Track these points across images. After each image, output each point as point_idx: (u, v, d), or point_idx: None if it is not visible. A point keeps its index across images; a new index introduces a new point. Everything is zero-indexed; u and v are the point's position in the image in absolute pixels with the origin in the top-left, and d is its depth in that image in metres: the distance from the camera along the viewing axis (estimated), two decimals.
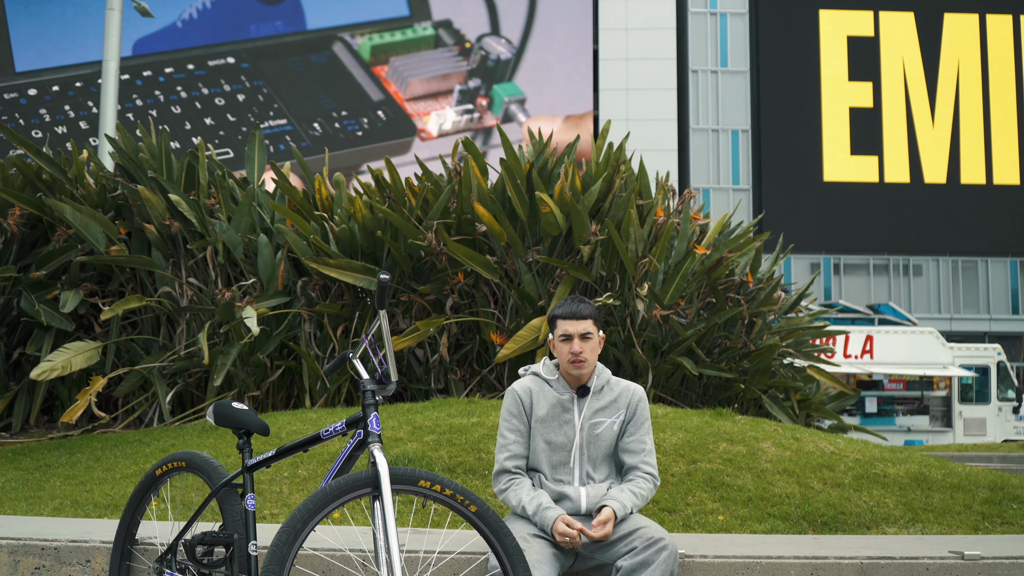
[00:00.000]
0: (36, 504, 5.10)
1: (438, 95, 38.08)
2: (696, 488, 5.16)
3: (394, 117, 37.77)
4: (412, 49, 38.61)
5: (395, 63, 38.31)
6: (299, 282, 7.77)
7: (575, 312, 3.76)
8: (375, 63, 38.43)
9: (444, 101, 38.04)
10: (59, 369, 7.19)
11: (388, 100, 37.99)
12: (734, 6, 37.33)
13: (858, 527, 4.82)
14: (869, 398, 24.49)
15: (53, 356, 7.27)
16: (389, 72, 38.21)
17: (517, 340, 7.33)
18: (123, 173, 8.29)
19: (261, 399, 7.65)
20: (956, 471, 5.76)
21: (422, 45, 38.63)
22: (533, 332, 7.35)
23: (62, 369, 7.21)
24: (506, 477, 3.77)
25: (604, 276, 7.89)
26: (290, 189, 8.11)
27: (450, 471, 5.30)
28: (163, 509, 4.15)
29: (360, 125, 37.45)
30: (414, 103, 37.94)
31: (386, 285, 3.16)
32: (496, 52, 38.25)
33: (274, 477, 5.25)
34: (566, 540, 3.53)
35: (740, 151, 36.77)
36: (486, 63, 38.21)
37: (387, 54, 38.55)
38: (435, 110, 37.84)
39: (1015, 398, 24.62)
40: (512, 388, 3.82)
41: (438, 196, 7.86)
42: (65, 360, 7.26)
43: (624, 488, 3.72)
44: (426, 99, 37.96)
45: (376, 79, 38.26)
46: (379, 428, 3.22)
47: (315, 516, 2.98)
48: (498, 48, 38.26)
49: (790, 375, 9.05)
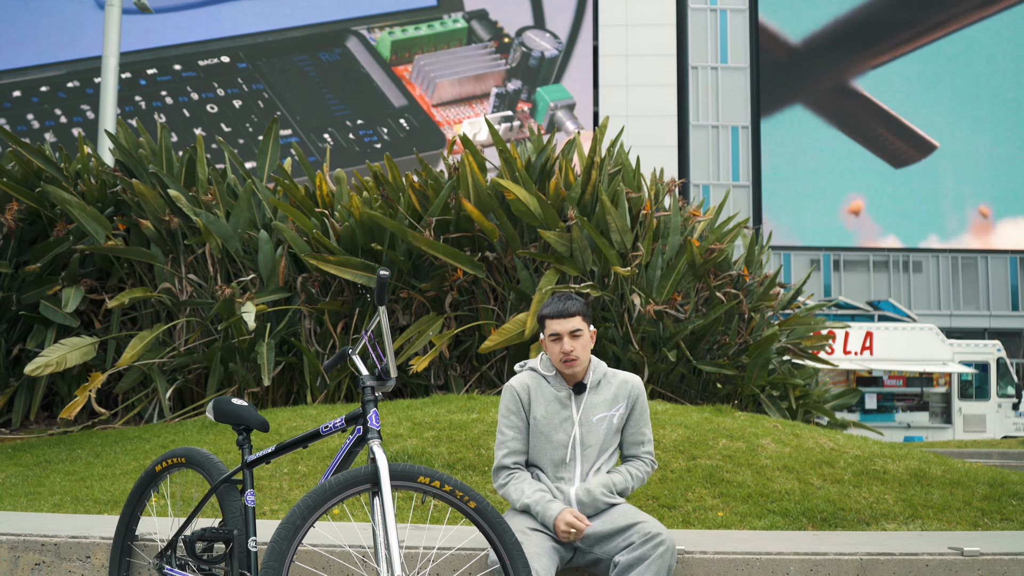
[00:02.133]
0: (36, 500, 5.10)
1: (471, 100, 32.78)
2: (696, 484, 5.17)
3: (419, 126, 32.17)
4: (441, 45, 33.10)
5: (420, 62, 32.88)
6: (299, 278, 7.77)
7: (562, 311, 3.75)
8: (396, 62, 32.89)
9: (479, 107, 32.61)
10: (53, 365, 7.14)
11: (412, 106, 32.44)
12: (734, 2, 37.28)
13: (858, 523, 4.83)
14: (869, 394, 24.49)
15: (48, 352, 7.23)
16: (414, 73, 32.85)
17: (502, 333, 7.33)
18: (123, 169, 8.29)
19: (261, 395, 7.65)
20: (956, 467, 5.77)
21: (452, 40, 33.10)
22: (519, 326, 7.34)
23: (56, 365, 7.16)
24: (505, 473, 3.77)
25: (597, 271, 7.86)
26: (291, 186, 8.11)
27: (450, 467, 5.31)
28: (163, 505, 4.15)
29: (379, 136, 31.91)
30: (443, 109, 32.60)
31: (385, 281, 3.16)
32: (540, 48, 32.97)
33: (274, 473, 5.26)
34: (571, 532, 3.54)
35: (740, 147, 36.74)
36: (528, 61, 32.93)
37: (411, 51, 32.93)
38: (468, 117, 32.34)
39: (1015, 394, 24.62)
40: (510, 384, 3.82)
41: (438, 193, 7.86)
42: (60, 356, 7.22)
43: (620, 469, 3.80)
44: (457, 104, 32.65)
45: (398, 81, 32.86)
46: (379, 424, 3.22)
47: (315, 512, 2.98)
48: (542, 44, 32.96)
49: (788, 371, 9.05)
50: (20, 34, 34.14)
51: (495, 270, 7.91)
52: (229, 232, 7.73)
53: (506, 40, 33.66)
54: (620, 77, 36.14)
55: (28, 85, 33.70)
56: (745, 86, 36.98)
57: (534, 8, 33.56)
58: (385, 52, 33.36)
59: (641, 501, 4.97)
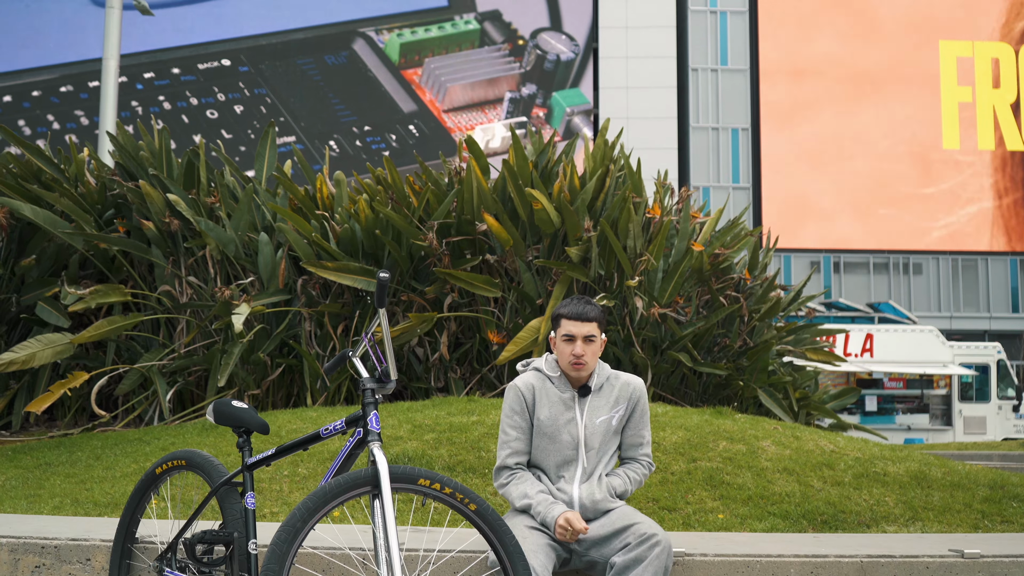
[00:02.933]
0: (36, 502, 5.10)
1: (484, 105, 31.40)
2: (696, 487, 5.16)
3: (429, 132, 30.69)
4: (452, 47, 31.60)
5: (431, 65, 31.43)
6: (299, 280, 7.77)
7: (581, 314, 3.73)
8: (406, 65, 31.41)
9: (492, 112, 31.22)
10: (19, 363, 6.90)
11: (422, 111, 30.90)
12: (734, 4, 37.31)
13: (858, 526, 4.83)
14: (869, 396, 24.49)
15: (19, 347, 7.04)
16: (424, 76, 31.40)
17: (517, 342, 7.34)
18: (122, 171, 8.30)
19: (261, 397, 7.65)
20: (956, 469, 5.77)
21: (464, 42, 31.62)
22: (532, 333, 7.35)
23: (23, 363, 6.93)
24: (507, 472, 3.77)
25: (603, 275, 7.89)
26: (291, 188, 8.10)
27: (450, 469, 5.31)
28: (163, 507, 4.15)
29: (387, 143, 30.47)
30: (454, 115, 31.17)
31: (385, 284, 3.16)
32: (556, 51, 31.68)
33: (274, 475, 5.25)
34: (567, 531, 3.54)
35: (740, 149, 36.76)
36: (543, 65, 31.58)
37: (420, 54, 31.45)
38: (480, 123, 31.03)
39: (1015, 396, 24.63)
40: (514, 384, 3.81)
41: (439, 196, 7.87)
42: (29, 353, 6.99)
43: (619, 472, 3.81)
44: (469, 110, 31.26)
45: (407, 85, 31.41)
46: (379, 427, 3.22)
47: (315, 514, 2.98)
48: (558, 46, 31.70)
49: (788, 373, 9.06)
50: (11, 37, 33.06)
51: (496, 273, 7.91)
52: (229, 237, 7.73)
53: (520, 42, 32.44)
54: (620, 79, 36.12)
55: (19, 90, 32.68)
56: (745, 88, 37.00)
57: (550, 9, 32.23)
58: (393, 55, 32.08)
59: (641, 503, 4.97)
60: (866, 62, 36.57)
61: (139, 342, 7.94)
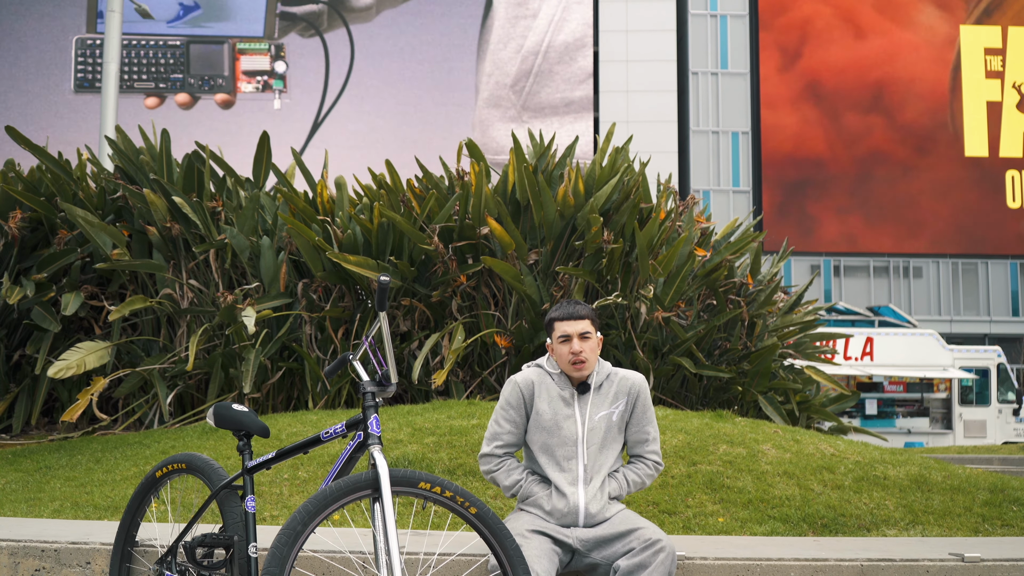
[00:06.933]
0: (36, 506, 5.10)
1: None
2: (696, 490, 5.16)
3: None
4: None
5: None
6: (300, 284, 7.77)
7: (572, 313, 3.77)
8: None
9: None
10: (74, 368, 7.28)
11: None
12: (734, 8, 37.34)
13: (858, 529, 4.82)
14: (869, 400, 24.48)
15: (67, 355, 7.34)
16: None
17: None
18: (123, 175, 8.30)
19: (261, 401, 7.65)
20: (956, 473, 5.76)
21: None
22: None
23: (77, 368, 7.29)
24: (495, 460, 3.80)
25: (607, 279, 7.90)
26: (292, 194, 8.09)
27: (450, 473, 5.31)
28: (163, 511, 4.15)
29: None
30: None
31: (386, 287, 3.17)
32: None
33: (274, 479, 5.26)
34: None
35: (740, 153, 36.77)
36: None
37: None
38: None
39: (1015, 400, 24.62)
40: (513, 378, 3.82)
41: (440, 200, 7.87)
42: (79, 359, 7.35)
43: (616, 475, 3.79)
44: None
45: None
46: (379, 430, 3.22)
47: (315, 518, 2.98)
48: None
49: (790, 377, 9.05)
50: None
51: (496, 275, 7.91)
52: (246, 243, 7.76)
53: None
54: (620, 83, 36.19)
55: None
56: (746, 91, 37.02)
57: None
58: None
59: (641, 507, 4.97)
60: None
61: (139, 345, 7.94)
